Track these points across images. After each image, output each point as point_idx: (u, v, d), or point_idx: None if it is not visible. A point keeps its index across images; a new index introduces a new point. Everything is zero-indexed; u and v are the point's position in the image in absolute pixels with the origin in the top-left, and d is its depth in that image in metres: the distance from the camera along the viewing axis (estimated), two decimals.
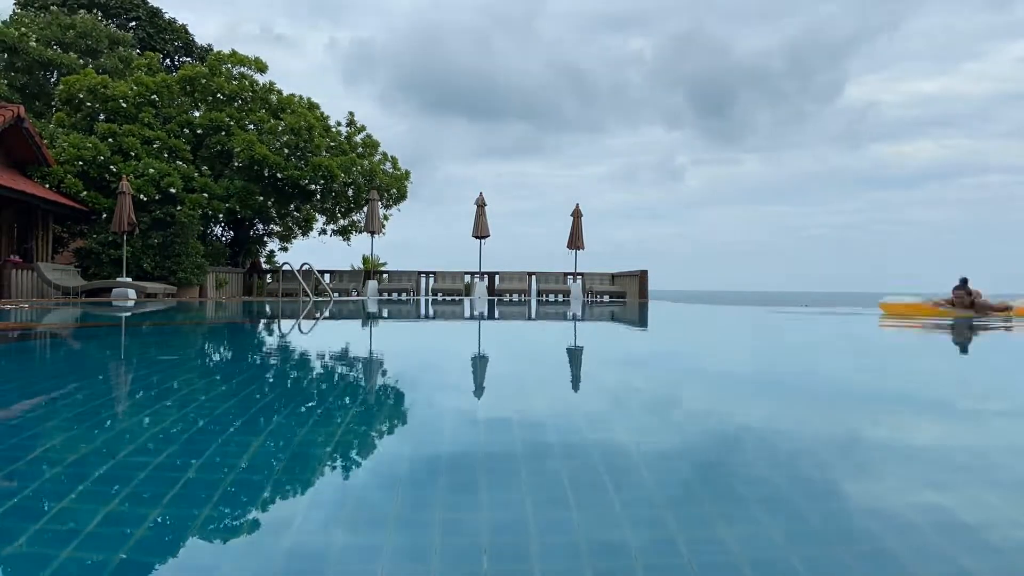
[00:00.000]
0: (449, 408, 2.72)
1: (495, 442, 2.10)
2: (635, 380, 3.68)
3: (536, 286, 20.27)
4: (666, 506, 1.52)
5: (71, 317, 8.74)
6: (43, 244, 17.30)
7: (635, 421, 2.48)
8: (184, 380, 3.39)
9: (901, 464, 1.94)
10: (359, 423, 2.40)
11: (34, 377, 3.45)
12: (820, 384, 3.55)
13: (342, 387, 3.31)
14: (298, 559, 1.25)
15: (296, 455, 1.93)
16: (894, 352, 5.83)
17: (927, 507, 1.55)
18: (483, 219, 19.82)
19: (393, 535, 1.34)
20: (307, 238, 23.57)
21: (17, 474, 1.69)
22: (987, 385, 3.72)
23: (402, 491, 1.58)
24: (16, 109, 15.15)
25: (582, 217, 19.64)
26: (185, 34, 29.46)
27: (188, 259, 17.72)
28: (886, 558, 1.28)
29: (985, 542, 1.37)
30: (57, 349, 5.33)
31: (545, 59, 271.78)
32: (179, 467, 1.74)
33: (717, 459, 1.95)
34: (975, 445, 2.22)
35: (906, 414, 2.73)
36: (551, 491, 1.59)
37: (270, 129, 19.86)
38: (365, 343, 6.00)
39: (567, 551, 1.28)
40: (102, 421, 2.37)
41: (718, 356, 5.11)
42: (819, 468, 1.87)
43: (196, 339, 6.30)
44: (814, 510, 1.52)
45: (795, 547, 1.32)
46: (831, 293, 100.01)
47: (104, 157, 17.62)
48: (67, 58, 22.14)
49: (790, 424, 2.50)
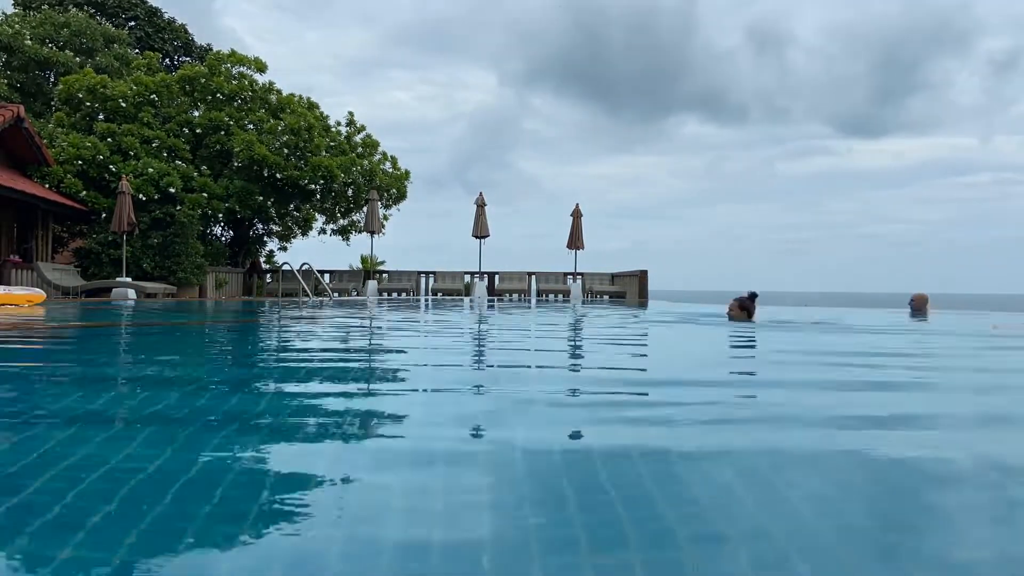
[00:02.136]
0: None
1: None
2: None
3: (536, 286, 20.30)
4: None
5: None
6: (43, 244, 17.28)
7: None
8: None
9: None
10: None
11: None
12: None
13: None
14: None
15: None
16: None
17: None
18: (483, 219, 19.85)
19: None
20: (307, 238, 23.59)
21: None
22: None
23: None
24: (16, 109, 15.13)
25: (582, 217, 19.68)
26: (184, 34, 29.42)
27: (188, 259, 17.71)
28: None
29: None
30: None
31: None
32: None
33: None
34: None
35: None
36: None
37: (270, 129, 19.86)
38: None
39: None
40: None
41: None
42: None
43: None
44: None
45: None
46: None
47: (104, 157, 17.61)
48: (63, 56, 22.11)
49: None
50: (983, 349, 5.50)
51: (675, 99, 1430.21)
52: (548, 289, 20.17)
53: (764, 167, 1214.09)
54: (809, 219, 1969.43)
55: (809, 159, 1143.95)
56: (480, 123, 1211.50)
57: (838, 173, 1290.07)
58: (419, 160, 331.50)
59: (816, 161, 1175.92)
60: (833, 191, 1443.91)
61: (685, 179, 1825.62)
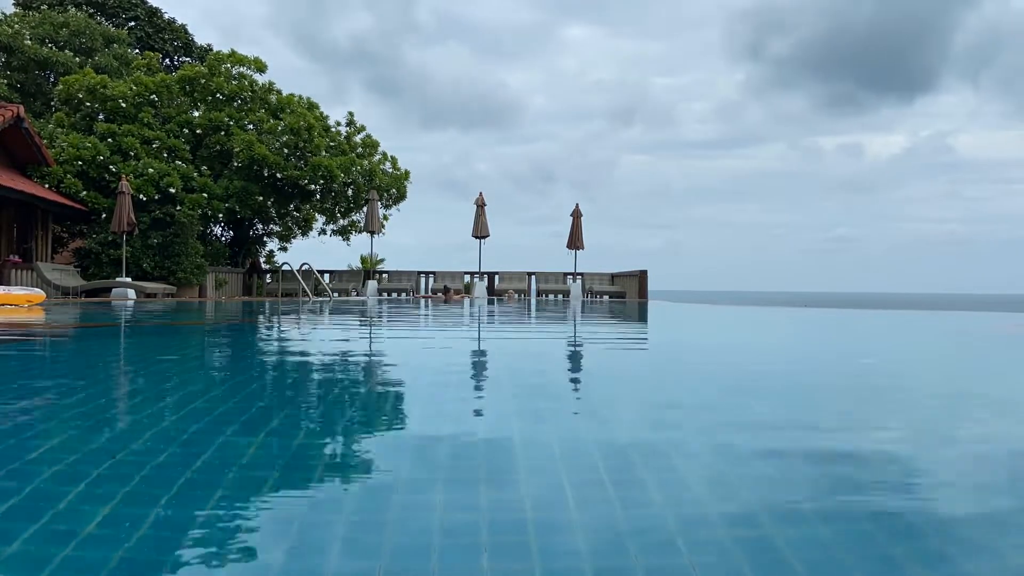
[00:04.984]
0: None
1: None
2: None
3: (536, 286, 20.30)
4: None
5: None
6: (43, 244, 17.27)
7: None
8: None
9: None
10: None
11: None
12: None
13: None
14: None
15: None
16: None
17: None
18: (483, 219, 19.85)
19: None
20: (307, 238, 23.57)
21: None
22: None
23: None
24: (16, 109, 15.12)
25: (582, 217, 19.67)
26: (184, 34, 29.40)
27: (188, 259, 17.70)
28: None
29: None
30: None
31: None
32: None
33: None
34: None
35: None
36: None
37: (269, 129, 19.84)
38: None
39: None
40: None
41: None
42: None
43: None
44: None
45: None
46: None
47: (103, 157, 17.60)
48: (63, 56, 22.09)
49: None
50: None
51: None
52: (548, 289, 20.17)
53: None
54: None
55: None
56: None
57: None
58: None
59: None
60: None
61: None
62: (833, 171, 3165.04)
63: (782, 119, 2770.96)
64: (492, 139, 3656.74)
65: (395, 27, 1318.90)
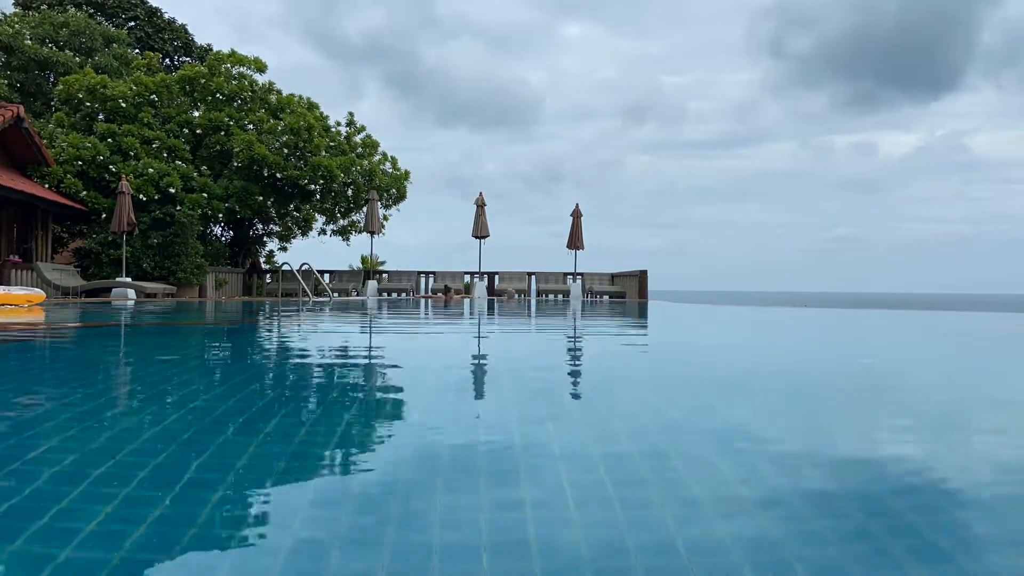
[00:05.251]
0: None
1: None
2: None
3: (536, 286, 20.31)
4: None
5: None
6: (43, 244, 17.27)
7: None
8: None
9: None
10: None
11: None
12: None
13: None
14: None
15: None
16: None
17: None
18: (483, 219, 19.85)
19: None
20: (307, 238, 23.58)
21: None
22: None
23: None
24: (15, 109, 15.12)
25: (582, 217, 19.67)
26: (184, 34, 29.40)
27: (188, 259, 17.70)
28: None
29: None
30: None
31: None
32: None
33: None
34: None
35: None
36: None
37: (269, 129, 19.85)
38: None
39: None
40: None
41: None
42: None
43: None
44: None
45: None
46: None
47: (103, 157, 17.60)
48: (63, 56, 22.09)
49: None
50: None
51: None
52: (548, 289, 20.17)
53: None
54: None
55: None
56: None
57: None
58: None
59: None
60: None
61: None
62: (842, 170, 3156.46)
63: (800, 118, 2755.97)
64: (501, 138, 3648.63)
65: (409, 23, 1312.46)
